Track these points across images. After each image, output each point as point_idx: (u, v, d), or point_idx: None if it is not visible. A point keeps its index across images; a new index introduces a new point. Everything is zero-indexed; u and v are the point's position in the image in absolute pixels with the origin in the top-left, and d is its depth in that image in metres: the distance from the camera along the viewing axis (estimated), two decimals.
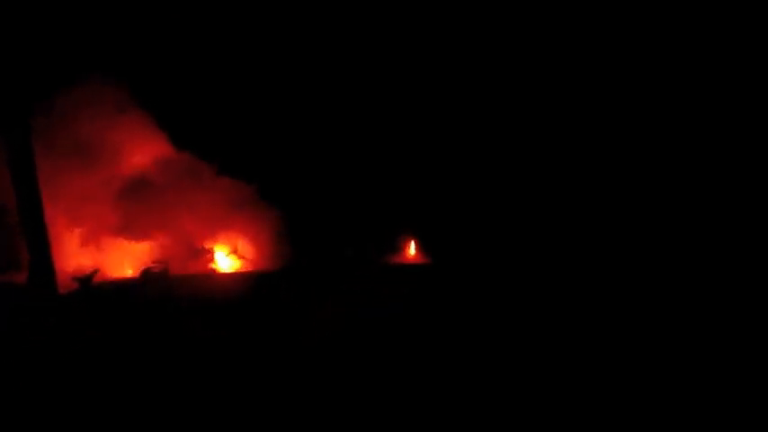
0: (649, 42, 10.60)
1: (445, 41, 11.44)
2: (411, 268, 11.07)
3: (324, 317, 7.07)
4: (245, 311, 7.57)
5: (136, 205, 10.06)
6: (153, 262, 9.69)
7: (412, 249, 11.89)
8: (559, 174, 11.39)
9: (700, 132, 10.45)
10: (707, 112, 10.39)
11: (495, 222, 11.27)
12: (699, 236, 9.73)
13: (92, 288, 8.48)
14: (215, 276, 10.18)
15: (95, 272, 8.84)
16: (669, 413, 4.53)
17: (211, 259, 10.96)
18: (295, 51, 11.48)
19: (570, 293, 8.14)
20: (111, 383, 5.08)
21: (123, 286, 8.89)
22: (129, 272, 10.14)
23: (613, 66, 10.90)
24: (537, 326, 6.86)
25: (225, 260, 11.02)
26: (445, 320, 7.28)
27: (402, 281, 9.61)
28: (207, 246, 10.92)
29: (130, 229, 10.08)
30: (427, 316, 7.46)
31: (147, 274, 9.37)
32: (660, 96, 10.74)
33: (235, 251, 11.01)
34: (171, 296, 8.27)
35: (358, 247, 11.06)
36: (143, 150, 10.55)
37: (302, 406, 4.86)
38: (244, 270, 10.89)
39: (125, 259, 10.25)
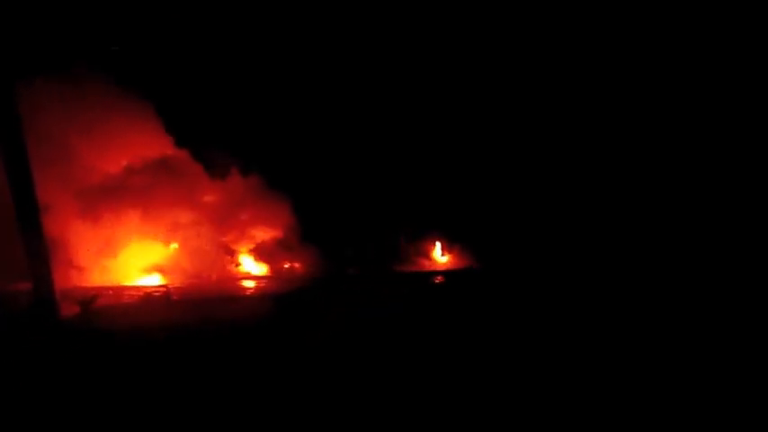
0: (649, 42, 10.63)
1: (456, 41, 11.35)
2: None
3: (328, 317, 7.07)
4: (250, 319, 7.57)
5: (120, 214, 9.74)
6: (154, 287, 9.68)
7: (438, 251, 11.50)
8: (564, 173, 11.40)
9: (700, 132, 10.48)
10: (707, 112, 10.42)
11: (509, 223, 11.13)
12: (700, 236, 9.76)
13: (92, 312, 8.48)
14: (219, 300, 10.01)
15: (96, 296, 8.86)
16: (669, 413, 4.50)
17: (236, 262, 10.84)
18: (297, 49, 11.36)
19: (574, 294, 8.14)
20: (111, 408, 5.03)
21: (124, 310, 8.86)
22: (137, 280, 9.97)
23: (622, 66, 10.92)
24: (538, 326, 6.80)
25: (249, 263, 10.86)
26: (445, 320, 7.25)
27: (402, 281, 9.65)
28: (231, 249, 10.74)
29: (112, 243, 9.76)
30: (427, 316, 7.44)
31: (147, 297, 9.40)
32: (662, 96, 10.78)
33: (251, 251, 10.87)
34: (173, 319, 8.27)
35: (358, 248, 10.90)
36: (136, 148, 10.17)
37: (305, 405, 4.84)
38: (266, 275, 10.73)
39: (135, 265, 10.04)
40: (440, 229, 11.58)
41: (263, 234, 11.05)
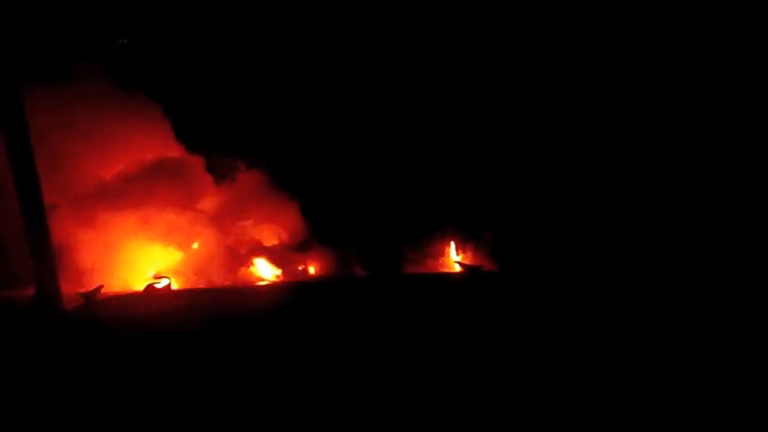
0: (650, 42, 10.43)
1: (464, 40, 11.22)
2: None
3: (340, 317, 6.97)
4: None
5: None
6: (155, 276, 9.68)
7: (453, 252, 11.02)
8: (568, 173, 11.14)
9: (701, 132, 10.21)
10: (707, 112, 10.18)
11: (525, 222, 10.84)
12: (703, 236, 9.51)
13: (96, 303, 8.52)
14: (221, 291, 9.85)
15: (100, 287, 8.90)
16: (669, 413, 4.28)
17: (246, 265, 10.73)
18: (301, 49, 11.28)
19: (577, 295, 7.92)
20: (113, 400, 4.98)
21: (126, 301, 8.88)
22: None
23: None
24: (540, 326, 6.58)
25: (264, 266, 10.73)
26: (446, 320, 7.08)
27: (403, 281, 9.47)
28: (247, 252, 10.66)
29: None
30: (428, 316, 7.27)
31: (149, 289, 9.41)
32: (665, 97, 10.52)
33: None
34: (173, 310, 8.25)
35: (367, 249, 10.73)
36: (141, 151, 10.09)
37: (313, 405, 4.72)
38: (277, 278, 10.58)
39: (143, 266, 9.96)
40: (454, 228, 11.22)
41: (273, 236, 10.96)
